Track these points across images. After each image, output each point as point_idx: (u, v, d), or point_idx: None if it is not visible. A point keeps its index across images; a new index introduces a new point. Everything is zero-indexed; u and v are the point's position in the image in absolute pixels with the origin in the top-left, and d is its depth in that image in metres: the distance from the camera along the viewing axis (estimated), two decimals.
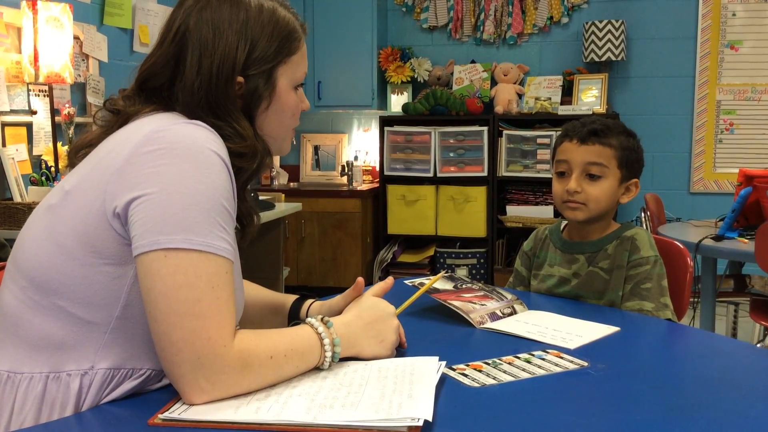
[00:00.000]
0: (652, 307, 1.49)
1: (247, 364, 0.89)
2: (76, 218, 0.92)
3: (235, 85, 1.00)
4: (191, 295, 0.86)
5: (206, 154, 0.90)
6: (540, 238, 1.70)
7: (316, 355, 0.98)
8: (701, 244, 2.63)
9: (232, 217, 0.94)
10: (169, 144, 0.90)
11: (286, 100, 1.07)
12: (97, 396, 0.93)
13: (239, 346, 0.89)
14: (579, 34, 4.58)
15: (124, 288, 0.92)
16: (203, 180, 0.89)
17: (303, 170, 5.15)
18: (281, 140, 1.11)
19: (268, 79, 1.03)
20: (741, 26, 4.40)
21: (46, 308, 0.93)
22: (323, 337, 0.99)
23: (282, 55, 1.04)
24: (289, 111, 1.08)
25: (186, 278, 0.86)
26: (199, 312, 0.86)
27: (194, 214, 0.88)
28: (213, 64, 0.99)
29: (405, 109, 4.61)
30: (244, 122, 1.02)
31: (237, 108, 1.01)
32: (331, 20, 4.71)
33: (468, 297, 1.39)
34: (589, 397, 0.97)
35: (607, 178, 1.52)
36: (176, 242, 0.86)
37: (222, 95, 0.99)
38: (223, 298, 0.89)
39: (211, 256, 0.88)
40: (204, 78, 0.99)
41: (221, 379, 0.87)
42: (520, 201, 4.46)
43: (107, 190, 0.90)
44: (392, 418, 0.83)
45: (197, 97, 0.99)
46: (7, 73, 2.91)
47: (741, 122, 4.46)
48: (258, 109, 1.04)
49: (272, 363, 0.92)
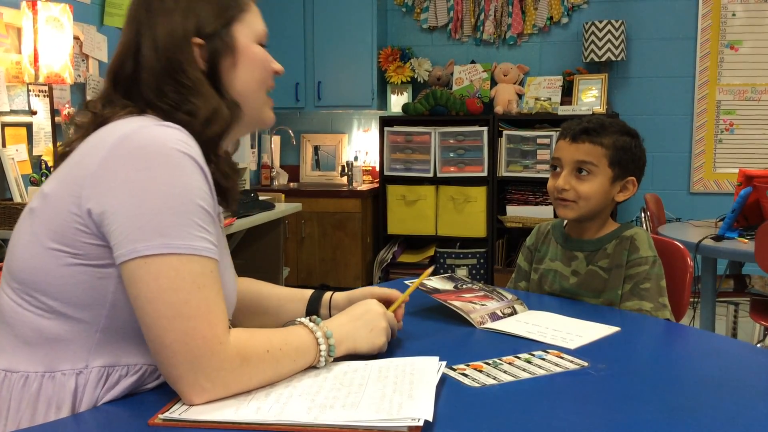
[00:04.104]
0: (650, 307, 1.49)
1: (245, 359, 0.90)
2: (54, 221, 0.93)
3: (194, 49, 1.01)
4: (177, 297, 0.87)
5: (176, 157, 0.90)
6: (542, 233, 1.71)
7: (311, 349, 0.99)
8: (701, 244, 2.64)
9: (211, 215, 0.94)
10: (139, 148, 0.90)
11: (252, 53, 1.06)
12: (94, 395, 0.93)
13: (235, 342, 0.90)
14: (579, 35, 4.59)
15: (110, 288, 0.92)
16: (175, 183, 0.89)
17: (303, 170, 5.15)
18: (259, 102, 1.10)
19: (226, 36, 1.04)
20: (741, 26, 4.40)
21: (38, 308, 0.94)
22: (314, 330, 1.00)
23: (232, 11, 1.05)
24: (259, 64, 1.07)
25: (169, 282, 0.87)
26: (189, 313, 0.87)
27: (169, 218, 0.88)
28: (164, 35, 1.00)
29: (405, 109, 4.61)
30: (206, 87, 1.01)
31: (198, 71, 1.01)
32: (331, 20, 4.71)
33: (468, 297, 1.39)
34: (589, 397, 0.97)
35: (596, 176, 1.53)
36: (154, 248, 0.87)
37: (180, 62, 1.00)
38: (211, 297, 0.89)
39: (192, 258, 0.88)
40: (160, 51, 1.00)
41: (221, 375, 0.88)
42: (520, 201, 4.46)
43: (82, 195, 0.91)
44: (392, 418, 0.83)
45: (157, 72, 1.00)
46: (7, 74, 2.91)
47: (741, 122, 4.46)
48: (223, 66, 1.04)
49: (269, 357, 0.93)
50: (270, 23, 1.03)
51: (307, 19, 4.74)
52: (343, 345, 1.04)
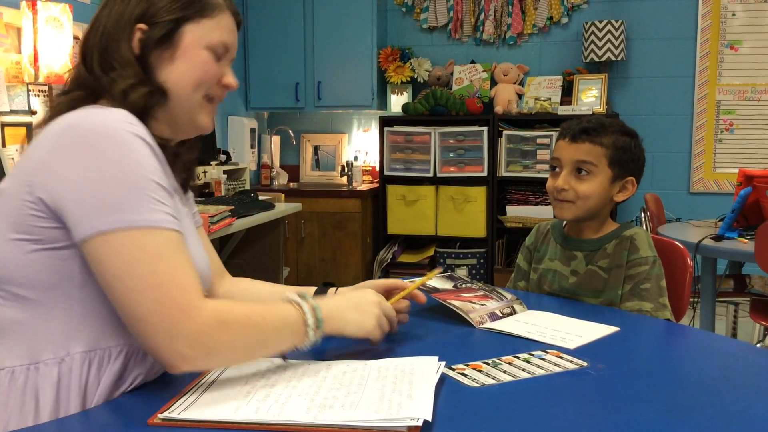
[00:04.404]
0: (651, 307, 1.49)
1: (222, 322, 0.90)
2: (12, 214, 0.94)
3: (135, 33, 1.03)
4: (143, 269, 0.88)
5: (124, 136, 0.92)
6: (542, 232, 1.71)
7: (296, 321, 0.99)
8: (701, 244, 2.64)
9: (167, 190, 0.95)
10: (86, 133, 0.92)
11: (193, 55, 1.06)
12: (80, 383, 0.94)
13: (213, 307, 0.90)
14: (579, 34, 4.59)
15: (75, 269, 0.93)
16: (125, 161, 0.91)
17: (303, 170, 5.15)
18: (192, 103, 1.08)
19: (171, 29, 1.04)
20: (741, 26, 4.40)
21: (12, 300, 0.95)
22: (301, 304, 1.00)
23: (190, 11, 1.05)
24: (199, 67, 1.06)
25: (132, 255, 0.88)
26: (157, 282, 0.88)
27: (124, 194, 0.89)
28: (114, 17, 1.04)
29: (405, 109, 4.61)
30: (131, 67, 1.03)
31: (130, 53, 1.03)
32: (331, 20, 4.71)
33: (468, 297, 1.39)
34: (588, 397, 0.97)
35: (596, 176, 1.53)
36: (111, 223, 0.88)
37: (117, 41, 1.03)
38: (178, 266, 0.90)
39: (151, 230, 0.90)
40: (105, 32, 1.04)
41: (200, 340, 0.88)
42: (519, 201, 4.46)
43: (33, 183, 0.92)
44: (392, 418, 0.83)
45: (99, 48, 1.04)
46: (7, 74, 2.91)
47: (741, 122, 4.46)
48: (159, 57, 1.05)
49: (251, 323, 0.94)
50: (270, 23, 1.03)
51: (307, 19, 4.74)
52: (332, 321, 1.03)
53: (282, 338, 0.98)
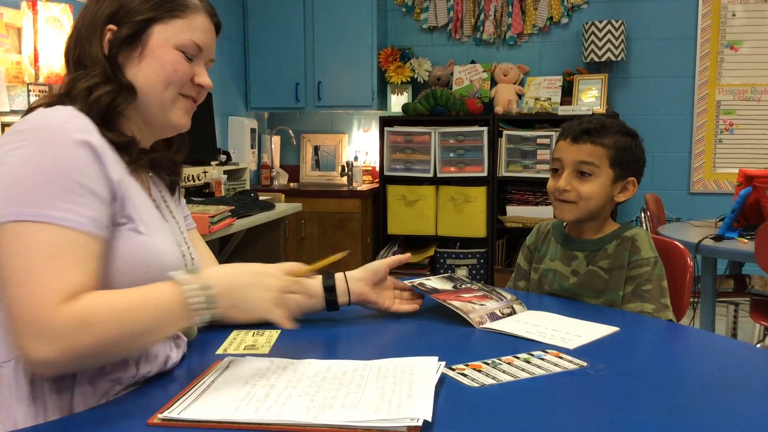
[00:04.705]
0: (652, 308, 1.49)
1: (82, 321, 0.88)
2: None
3: (105, 33, 1.05)
4: (20, 263, 0.88)
5: (54, 133, 0.93)
6: (542, 232, 1.71)
7: (178, 304, 0.94)
8: (701, 244, 2.63)
9: (91, 191, 0.94)
10: (24, 130, 0.94)
11: (160, 54, 1.06)
12: (25, 383, 0.94)
13: (76, 306, 0.88)
14: (579, 35, 4.59)
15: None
16: (45, 157, 0.91)
17: (303, 170, 5.15)
18: (163, 102, 1.08)
19: (139, 30, 1.05)
20: (741, 26, 4.40)
21: None
22: (183, 282, 0.95)
23: (161, 11, 1.06)
24: (167, 66, 1.06)
25: (16, 248, 0.88)
26: (27, 279, 0.87)
27: (30, 188, 0.90)
28: (87, 19, 1.07)
29: (405, 109, 4.61)
30: (100, 66, 1.04)
31: (100, 53, 1.05)
32: (331, 20, 4.71)
33: (467, 297, 1.39)
34: (588, 397, 0.97)
35: (598, 176, 1.53)
36: (6, 216, 0.89)
37: (89, 42, 1.05)
38: (60, 265, 0.89)
39: (46, 226, 0.89)
40: (78, 34, 1.07)
41: (60, 343, 0.87)
42: (520, 201, 4.46)
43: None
44: (392, 418, 0.83)
45: (74, 49, 1.06)
46: (7, 74, 2.91)
47: (741, 122, 4.46)
48: (127, 57, 1.06)
49: (120, 317, 0.91)
50: (270, 23, 1.03)
51: (307, 19, 4.74)
52: (227, 296, 0.99)
53: (163, 324, 0.95)
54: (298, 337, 1.20)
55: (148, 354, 1.01)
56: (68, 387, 0.96)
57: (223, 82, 4.60)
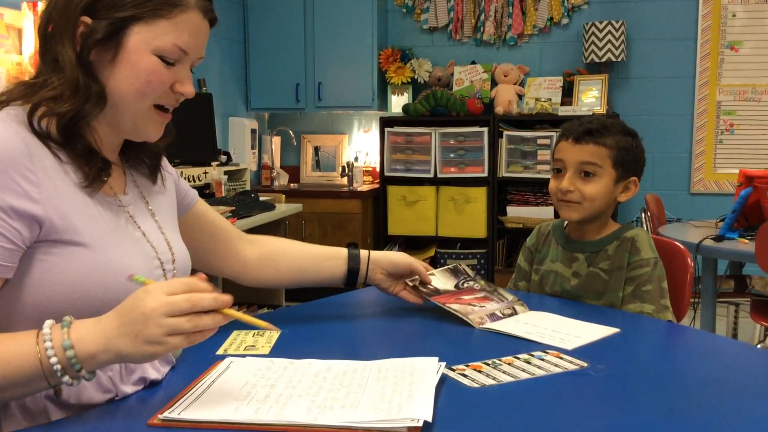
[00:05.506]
0: (652, 309, 1.49)
1: None
2: None
3: (79, 26, 0.95)
4: None
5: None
6: (543, 234, 1.71)
7: (30, 362, 0.83)
8: (702, 244, 2.63)
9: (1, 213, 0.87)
10: None
11: (135, 60, 0.96)
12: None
13: None
14: (579, 35, 4.58)
15: None
16: None
17: (303, 171, 5.15)
18: (136, 111, 0.99)
19: (115, 29, 0.95)
20: (741, 27, 4.40)
21: None
22: (45, 339, 0.83)
23: (143, 9, 0.95)
24: (143, 76, 0.96)
25: None
26: None
27: None
28: (60, 6, 0.96)
29: (405, 109, 4.61)
30: (70, 66, 0.95)
31: (71, 49, 0.95)
32: (331, 21, 4.71)
33: (467, 299, 1.39)
34: (588, 397, 0.97)
35: (601, 177, 1.53)
36: None
37: (61, 34, 0.95)
38: None
39: None
40: (54, 17, 0.96)
41: None
42: (520, 202, 4.46)
43: None
44: (392, 418, 0.83)
45: (43, 35, 0.97)
46: (8, 75, 2.91)
47: (741, 123, 4.46)
48: (99, 57, 0.96)
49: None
50: (270, 24, 1.01)
51: (307, 19, 4.74)
52: (105, 351, 0.84)
53: (14, 385, 0.84)
54: (298, 338, 1.20)
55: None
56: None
57: (223, 83, 4.60)
